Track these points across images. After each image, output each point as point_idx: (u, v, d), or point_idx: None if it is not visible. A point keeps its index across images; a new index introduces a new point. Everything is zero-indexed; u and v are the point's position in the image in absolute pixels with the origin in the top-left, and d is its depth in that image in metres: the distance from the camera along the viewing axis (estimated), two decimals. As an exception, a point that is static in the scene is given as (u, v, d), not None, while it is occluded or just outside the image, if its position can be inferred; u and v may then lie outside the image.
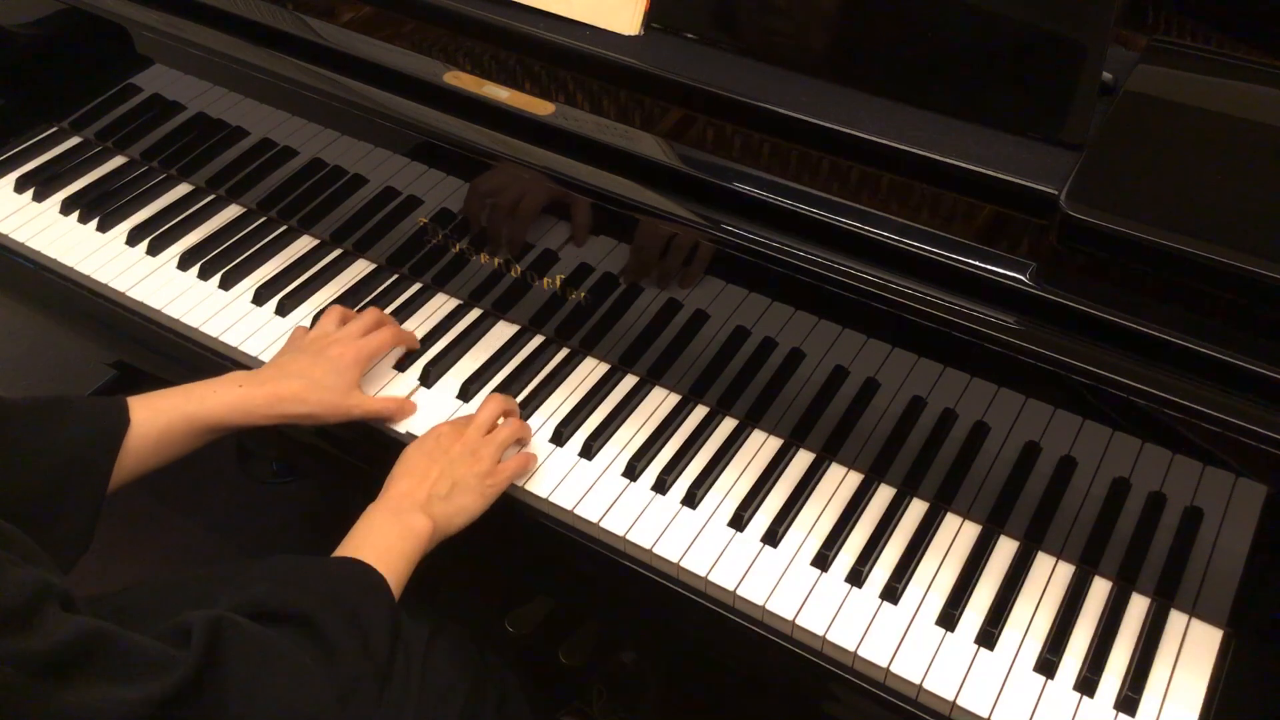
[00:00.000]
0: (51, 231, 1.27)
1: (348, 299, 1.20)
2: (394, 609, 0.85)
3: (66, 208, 1.29)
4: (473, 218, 1.11)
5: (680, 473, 1.03)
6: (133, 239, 1.25)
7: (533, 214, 1.05)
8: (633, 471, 1.02)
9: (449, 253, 1.16)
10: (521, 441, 1.04)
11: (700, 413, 1.09)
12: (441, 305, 1.20)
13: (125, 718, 0.63)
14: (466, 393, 1.09)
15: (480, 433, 1.00)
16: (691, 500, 1.00)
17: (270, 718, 0.71)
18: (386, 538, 0.90)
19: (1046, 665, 0.89)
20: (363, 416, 1.05)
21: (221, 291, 1.20)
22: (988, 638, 0.91)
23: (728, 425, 1.07)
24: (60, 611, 0.65)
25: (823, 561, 0.96)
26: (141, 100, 1.30)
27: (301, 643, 0.76)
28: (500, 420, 1.03)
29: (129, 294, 1.20)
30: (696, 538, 0.98)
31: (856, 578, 0.95)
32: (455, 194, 1.10)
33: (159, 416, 0.95)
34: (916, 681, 0.88)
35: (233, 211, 1.30)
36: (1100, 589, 0.94)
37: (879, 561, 0.96)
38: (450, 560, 0.96)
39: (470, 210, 1.10)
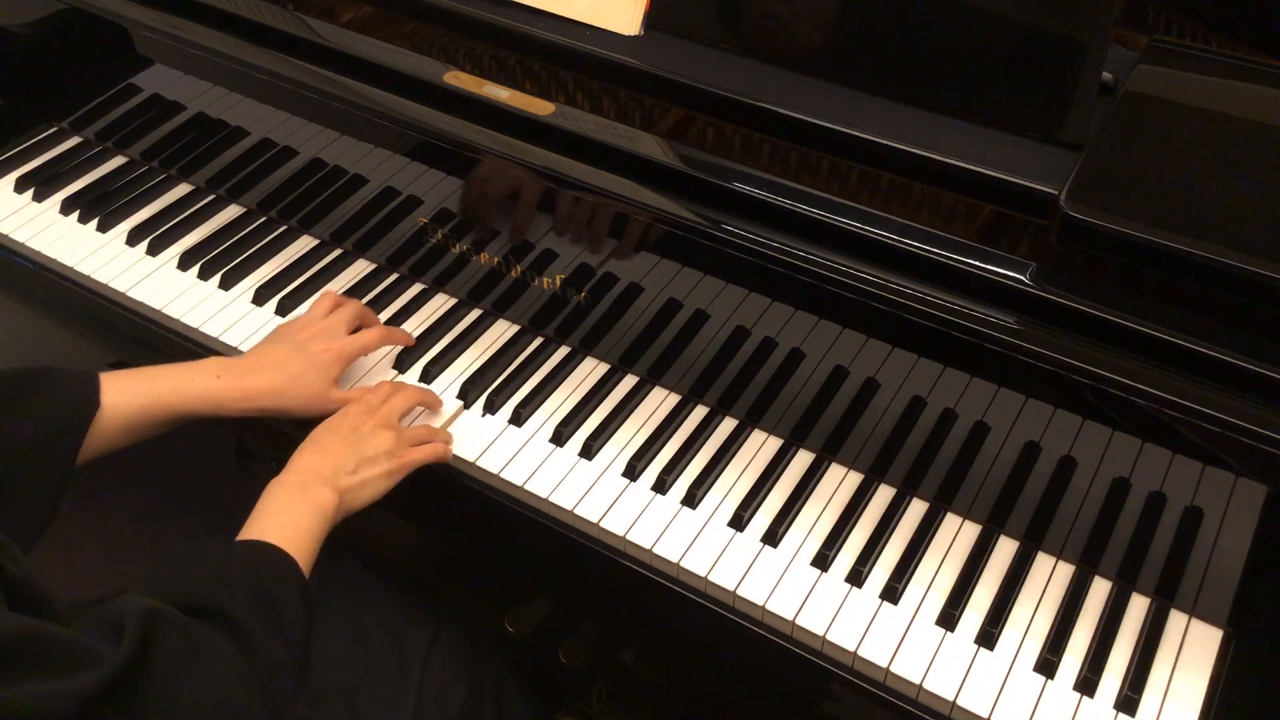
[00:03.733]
0: (51, 231, 1.27)
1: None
2: (305, 590, 0.84)
3: (66, 208, 1.29)
4: (473, 218, 1.11)
5: (680, 473, 1.03)
6: (133, 239, 1.25)
7: (532, 214, 1.05)
8: (633, 471, 1.02)
9: (449, 253, 1.16)
10: (440, 458, 1.02)
11: (700, 413, 1.09)
12: (441, 305, 1.20)
13: (54, 713, 0.63)
14: (466, 394, 1.09)
15: (394, 414, 1.00)
16: (691, 500, 1.00)
17: (197, 712, 0.71)
18: (292, 515, 0.89)
19: (1046, 665, 0.89)
20: None
21: (221, 291, 1.20)
22: (988, 638, 0.91)
23: (728, 425, 1.07)
24: (1, 607, 0.65)
25: (823, 561, 0.96)
26: (141, 100, 1.30)
27: (222, 635, 0.76)
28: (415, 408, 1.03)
29: (129, 294, 1.20)
30: (696, 538, 0.98)
31: (856, 578, 0.95)
32: (455, 194, 1.10)
33: (132, 399, 0.94)
34: (916, 681, 0.88)
35: (233, 211, 1.30)
36: (1100, 589, 0.94)
37: (879, 561, 0.96)
38: (450, 561, 0.96)
39: (470, 210, 1.10)
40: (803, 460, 1.05)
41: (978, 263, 0.86)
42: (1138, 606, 0.93)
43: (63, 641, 0.66)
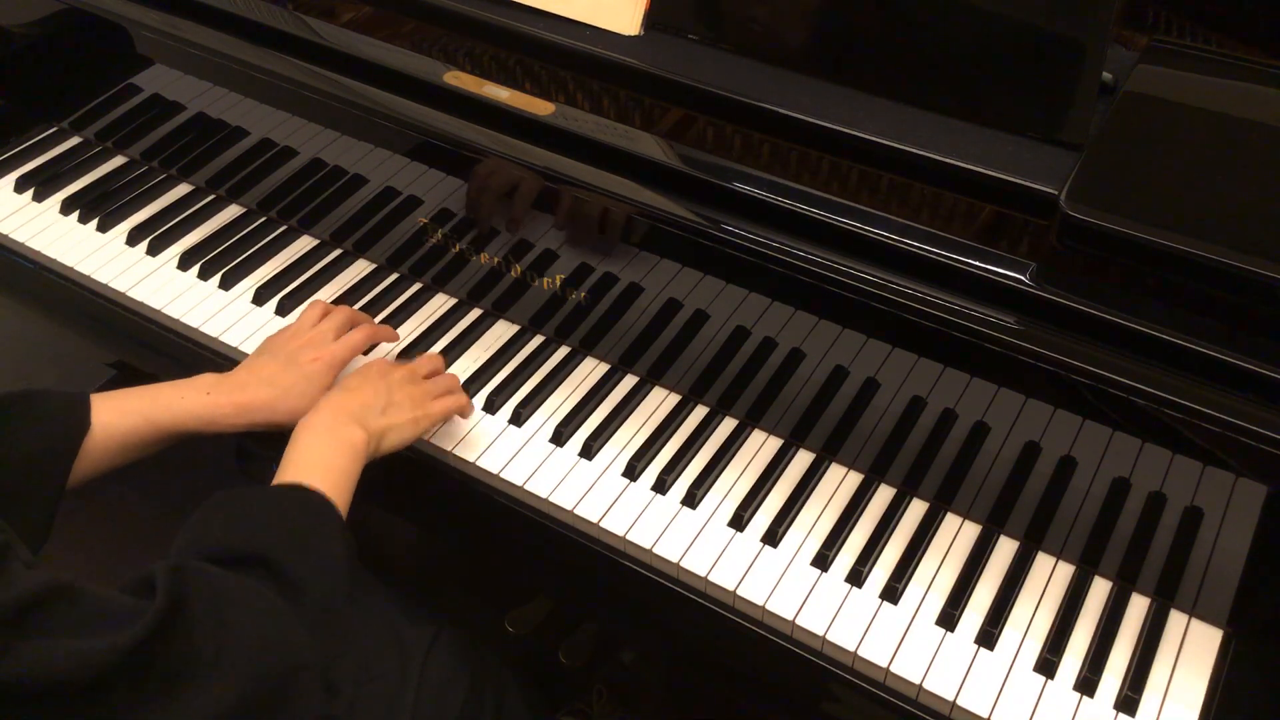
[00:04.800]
0: (51, 231, 1.27)
1: (348, 299, 1.20)
2: (344, 528, 0.85)
3: (66, 208, 1.29)
4: (473, 218, 1.11)
5: (680, 473, 1.03)
6: (133, 239, 1.25)
7: (532, 214, 1.05)
8: (633, 471, 1.02)
9: (449, 253, 1.16)
10: (463, 413, 1.05)
11: (700, 413, 1.09)
12: (441, 305, 1.20)
13: (90, 667, 0.63)
14: (466, 393, 1.09)
15: (420, 368, 1.03)
16: (691, 500, 1.00)
17: (244, 656, 0.71)
18: (324, 455, 0.90)
19: (1046, 665, 0.89)
20: None
21: (221, 291, 1.20)
22: (988, 638, 0.91)
23: (728, 425, 1.07)
24: (21, 568, 0.65)
25: (823, 561, 0.96)
26: (141, 100, 1.30)
27: (265, 581, 0.76)
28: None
29: (129, 294, 1.20)
30: (696, 538, 0.98)
31: (856, 578, 0.95)
32: (455, 194, 1.10)
33: (123, 420, 0.93)
34: (916, 681, 0.88)
35: (233, 211, 1.30)
36: (1100, 589, 0.94)
37: (879, 561, 0.96)
38: (450, 560, 0.96)
39: (470, 210, 1.10)
40: (803, 460, 1.05)
41: (978, 263, 0.86)
42: (1138, 606, 0.93)
43: (96, 598, 0.67)
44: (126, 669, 0.65)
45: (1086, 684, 0.88)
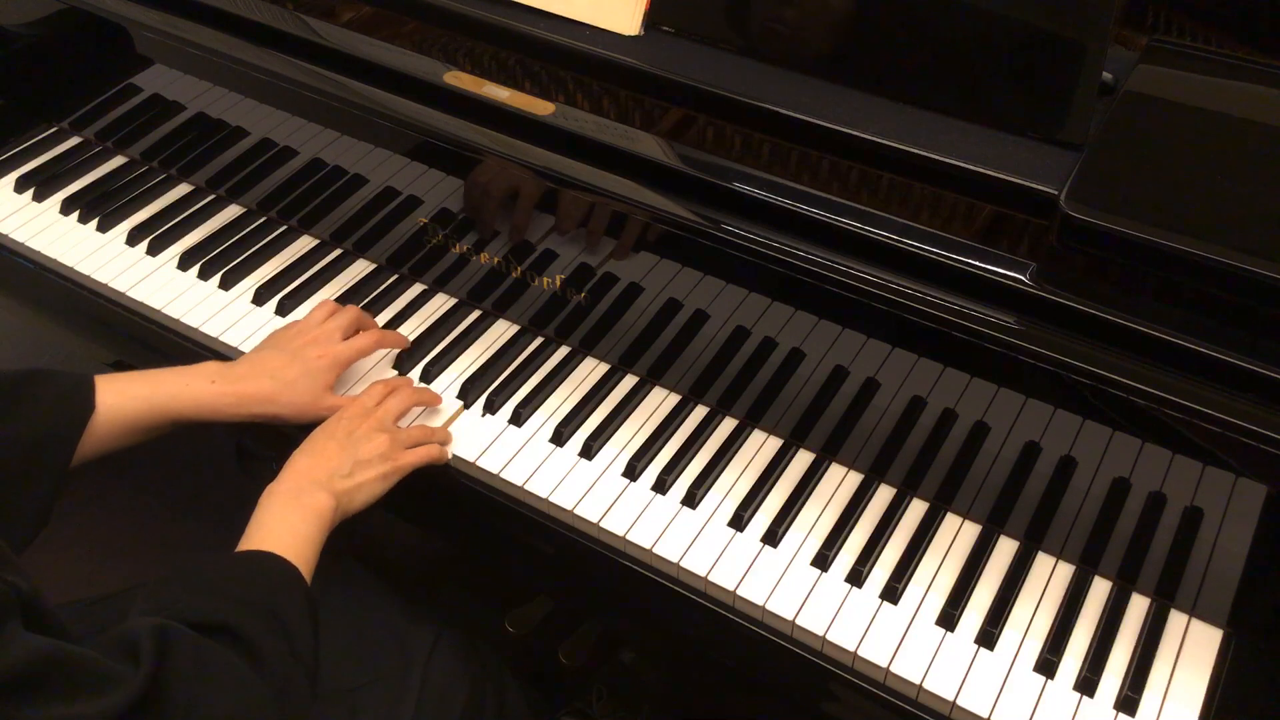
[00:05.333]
0: (51, 231, 1.27)
1: (348, 299, 1.19)
2: (310, 599, 0.85)
3: (66, 208, 1.29)
4: (473, 218, 1.11)
5: (680, 473, 1.03)
6: (133, 239, 1.25)
7: (532, 214, 1.05)
8: (633, 471, 1.02)
9: (449, 253, 1.16)
10: (439, 460, 1.02)
11: (700, 413, 1.09)
12: (441, 305, 1.20)
13: None
14: (466, 394, 1.09)
15: (389, 417, 1.01)
16: (691, 500, 1.00)
17: None
18: (290, 522, 0.89)
19: (1046, 665, 0.89)
20: None
21: (221, 291, 1.20)
22: (988, 638, 0.91)
23: (728, 425, 1.07)
24: (20, 630, 0.66)
25: (823, 561, 0.96)
26: (141, 100, 1.30)
27: (231, 649, 0.76)
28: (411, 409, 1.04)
29: (129, 294, 1.20)
30: (696, 538, 0.98)
31: (856, 578, 0.95)
32: (455, 194, 1.10)
33: (126, 404, 0.94)
34: (916, 681, 0.88)
35: (233, 211, 1.30)
36: (1100, 589, 0.94)
37: (879, 561, 0.96)
38: (450, 561, 0.96)
39: (470, 210, 1.10)
40: (803, 460, 1.05)
41: (978, 262, 0.86)
42: (1138, 606, 0.93)
43: (86, 663, 0.67)
44: None
45: (1086, 684, 0.88)
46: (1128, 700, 0.87)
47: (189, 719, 0.70)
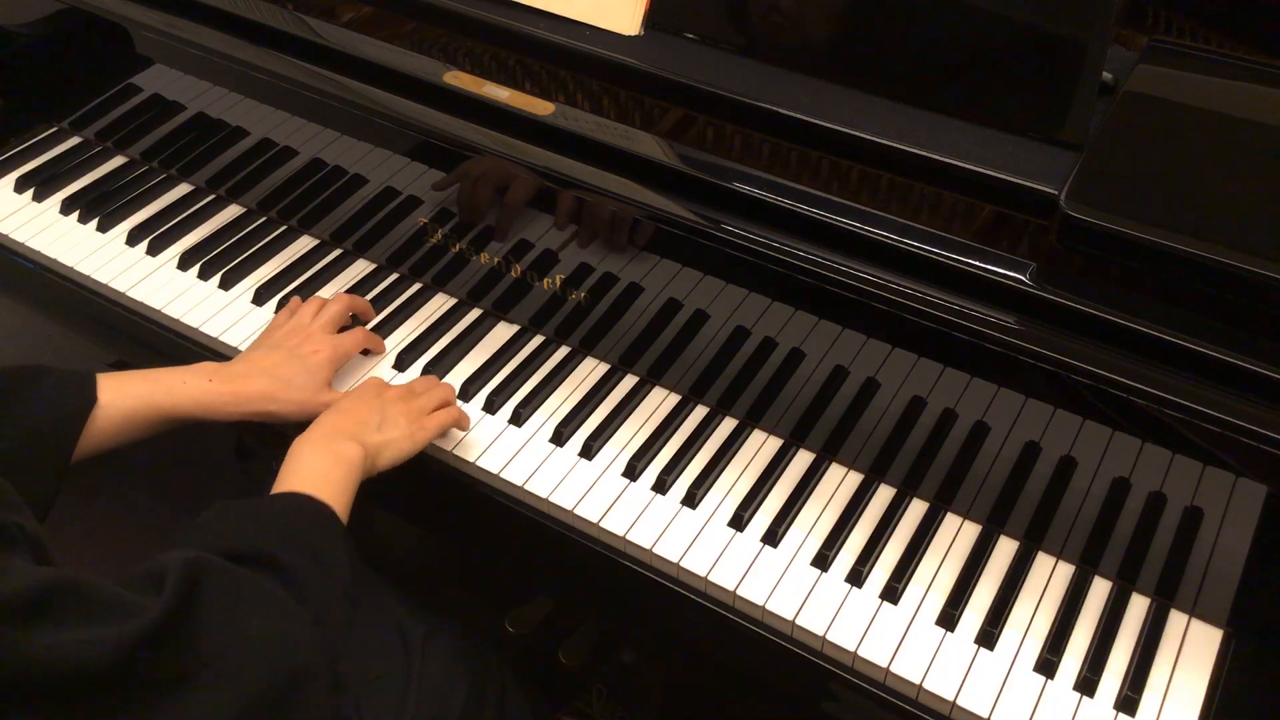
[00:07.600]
0: (51, 231, 1.27)
1: (348, 299, 1.19)
2: (346, 536, 0.85)
3: (66, 208, 1.29)
4: (472, 218, 1.11)
5: (680, 473, 1.03)
6: (133, 239, 1.25)
7: (532, 214, 1.05)
8: (633, 471, 1.02)
9: (449, 252, 1.16)
10: (460, 425, 1.05)
11: (700, 413, 1.09)
12: (441, 305, 1.20)
13: (99, 658, 0.62)
14: (466, 393, 1.09)
15: (415, 386, 1.03)
16: (691, 500, 1.00)
17: (250, 651, 0.70)
18: (322, 468, 0.90)
19: (1046, 665, 0.89)
20: None
21: (221, 291, 1.20)
22: (988, 638, 0.91)
23: (728, 425, 1.07)
24: (25, 562, 0.65)
25: (823, 561, 0.96)
26: (141, 100, 1.30)
27: (271, 579, 0.76)
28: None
29: (129, 294, 1.20)
30: (696, 538, 0.98)
31: (856, 578, 0.95)
32: (455, 194, 1.10)
33: (125, 400, 0.94)
34: (916, 681, 0.88)
35: (233, 211, 1.30)
36: (1100, 589, 0.94)
37: (879, 561, 0.96)
38: (451, 560, 0.96)
39: (469, 211, 1.10)
40: (803, 460, 1.05)
41: (978, 263, 0.86)
42: (1138, 606, 0.93)
43: (102, 591, 0.66)
44: (136, 660, 0.64)
45: (1086, 684, 0.88)
46: (1128, 700, 0.87)
47: (223, 644, 0.69)
